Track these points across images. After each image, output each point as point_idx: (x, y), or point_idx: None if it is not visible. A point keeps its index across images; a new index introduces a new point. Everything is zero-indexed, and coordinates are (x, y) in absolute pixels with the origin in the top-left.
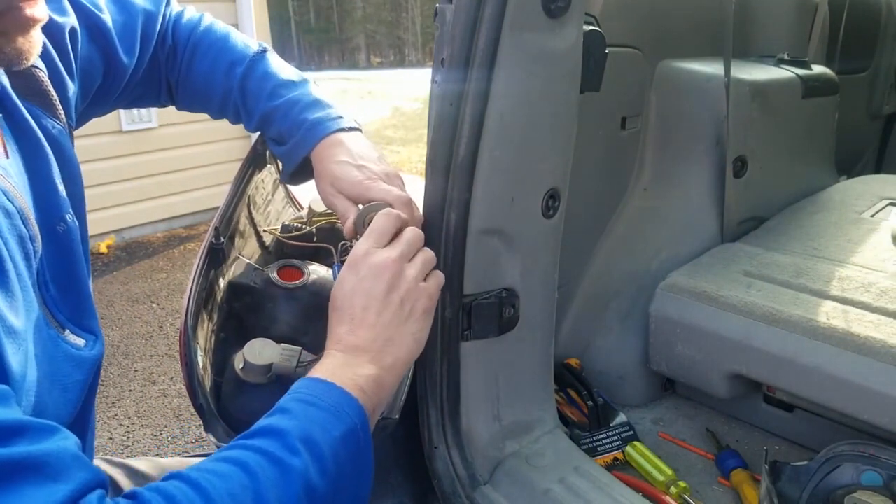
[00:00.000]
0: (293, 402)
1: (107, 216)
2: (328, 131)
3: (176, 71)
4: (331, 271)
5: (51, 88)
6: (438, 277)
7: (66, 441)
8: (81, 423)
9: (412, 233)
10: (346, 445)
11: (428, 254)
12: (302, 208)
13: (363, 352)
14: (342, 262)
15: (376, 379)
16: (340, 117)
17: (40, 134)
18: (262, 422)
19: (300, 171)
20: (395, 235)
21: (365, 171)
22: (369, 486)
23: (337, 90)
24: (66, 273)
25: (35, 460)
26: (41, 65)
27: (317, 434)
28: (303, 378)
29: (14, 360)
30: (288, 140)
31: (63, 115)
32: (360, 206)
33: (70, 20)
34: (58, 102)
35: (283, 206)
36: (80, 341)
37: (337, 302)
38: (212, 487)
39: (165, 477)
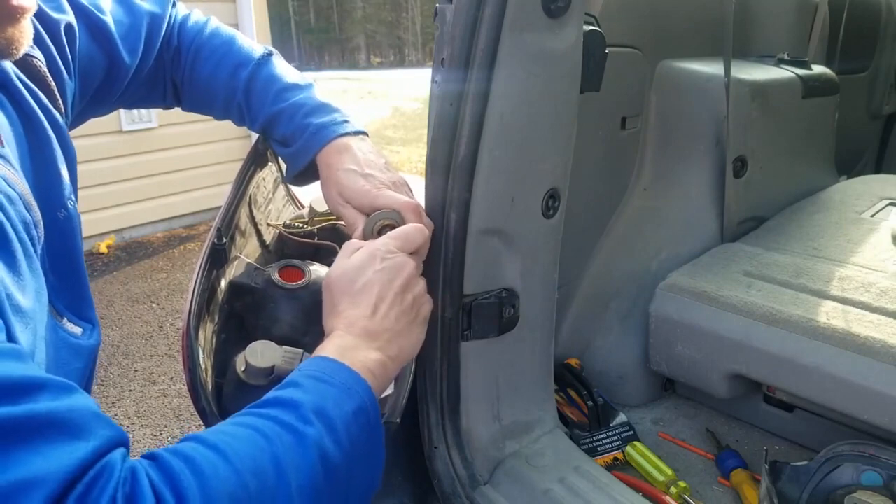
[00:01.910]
0: (304, 377)
1: (107, 216)
2: (333, 135)
3: (181, 72)
4: None
5: (49, 78)
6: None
7: (87, 399)
8: None
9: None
10: (357, 421)
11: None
12: (302, 207)
13: (375, 338)
14: None
15: (382, 363)
16: (346, 121)
17: (44, 119)
18: (274, 393)
19: (304, 172)
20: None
21: (371, 180)
22: (381, 464)
23: (337, 90)
24: (65, 261)
25: (58, 416)
26: (39, 55)
27: (329, 407)
28: (312, 357)
29: (23, 338)
30: (293, 143)
31: (62, 106)
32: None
33: (67, 17)
34: (56, 91)
35: (283, 204)
36: (78, 330)
37: (353, 286)
38: (230, 449)
39: (182, 439)
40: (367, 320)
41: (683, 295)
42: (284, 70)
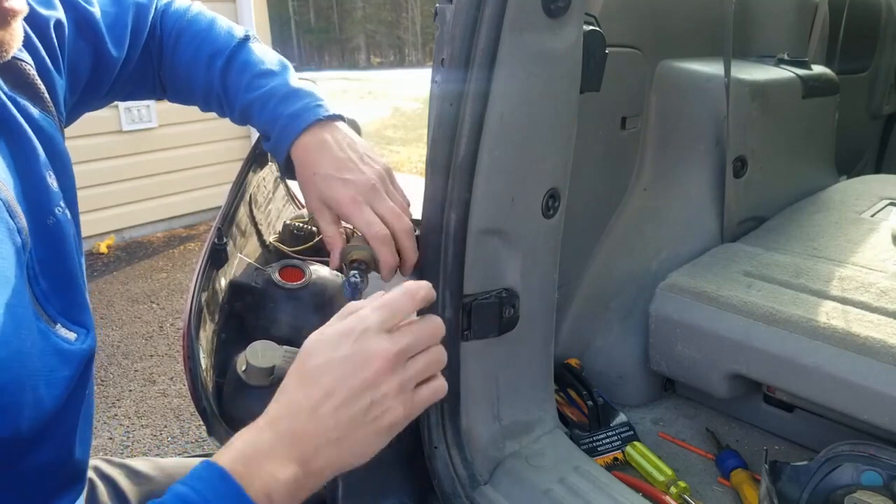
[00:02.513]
0: (179, 501)
1: (107, 216)
2: (305, 125)
3: (164, 62)
4: (331, 271)
5: (38, 80)
6: (436, 387)
7: None
8: (71, 418)
9: (429, 327)
10: None
11: (435, 355)
12: (302, 207)
13: (300, 443)
14: (354, 276)
15: (294, 483)
16: (319, 106)
17: (27, 126)
18: None
19: (289, 167)
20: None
21: (350, 187)
22: None
23: (337, 90)
24: (57, 266)
25: None
26: (28, 58)
27: None
28: (209, 462)
29: None
30: (270, 135)
31: (52, 108)
32: (344, 244)
33: (56, 13)
34: (46, 95)
35: (283, 204)
36: (72, 335)
37: (307, 363)
38: None
39: None
40: (299, 418)
41: (683, 295)
42: (260, 55)
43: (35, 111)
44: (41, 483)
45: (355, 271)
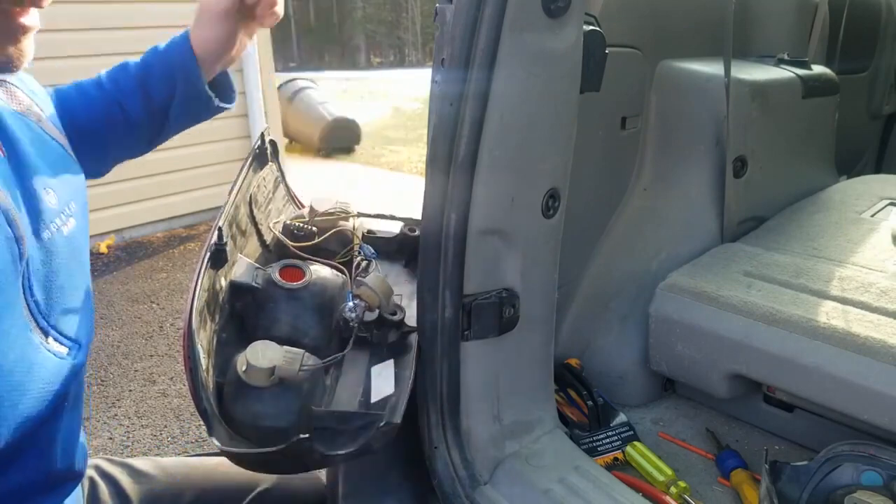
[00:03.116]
0: None
1: (107, 216)
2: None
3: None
4: (332, 271)
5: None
6: None
7: None
8: (54, 429)
9: None
10: None
11: None
12: (303, 206)
13: None
14: (350, 310)
15: None
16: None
17: (28, 141)
18: None
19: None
20: None
21: None
22: None
23: (337, 90)
24: (54, 279)
25: None
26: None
27: None
28: None
29: None
30: (173, 63)
31: (59, 131)
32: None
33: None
34: (45, 115)
35: (283, 204)
36: (63, 349)
37: None
38: None
39: None
40: None
41: (683, 295)
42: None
43: (38, 128)
44: (18, 489)
45: (353, 304)
